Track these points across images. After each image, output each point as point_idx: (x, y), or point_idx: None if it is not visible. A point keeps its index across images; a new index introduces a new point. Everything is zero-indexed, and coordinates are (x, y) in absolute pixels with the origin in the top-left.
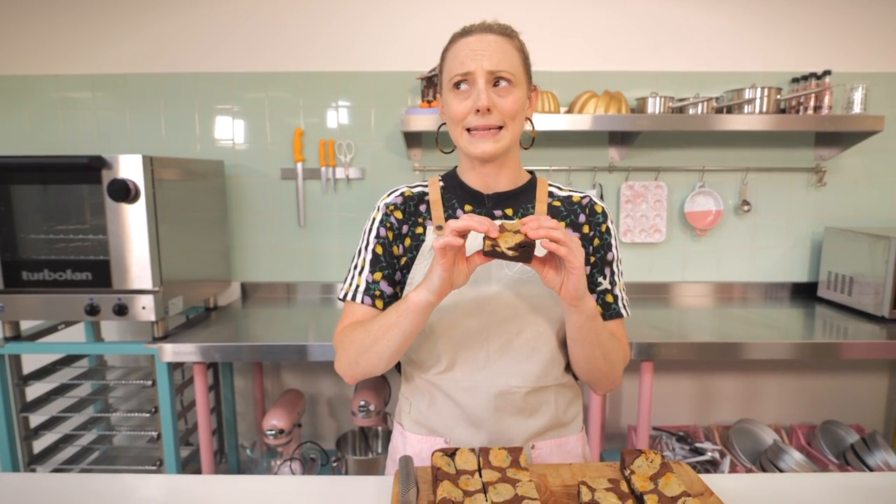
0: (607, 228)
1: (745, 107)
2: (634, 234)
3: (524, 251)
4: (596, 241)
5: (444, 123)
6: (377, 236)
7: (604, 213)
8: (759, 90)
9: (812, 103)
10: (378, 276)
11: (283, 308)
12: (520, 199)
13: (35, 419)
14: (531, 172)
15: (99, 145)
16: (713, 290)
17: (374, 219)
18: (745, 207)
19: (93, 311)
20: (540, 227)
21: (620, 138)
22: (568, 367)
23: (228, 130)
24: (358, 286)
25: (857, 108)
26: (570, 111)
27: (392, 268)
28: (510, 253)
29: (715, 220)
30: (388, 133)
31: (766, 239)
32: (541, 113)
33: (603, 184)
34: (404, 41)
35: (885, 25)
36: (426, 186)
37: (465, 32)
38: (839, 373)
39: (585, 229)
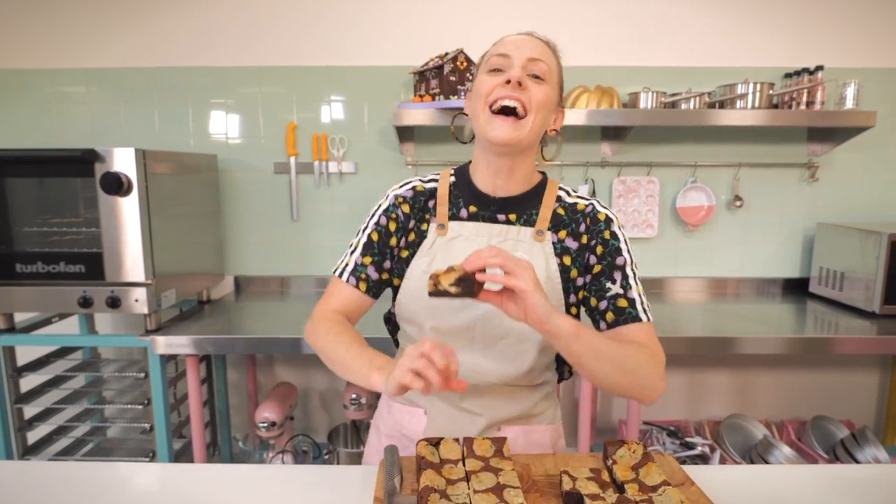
0: (612, 234)
1: (738, 102)
2: (626, 229)
3: (465, 285)
4: (599, 249)
5: (462, 114)
6: (377, 223)
7: (607, 220)
8: (751, 85)
9: (804, 99)
10: (368, 260)
11: (276, 301)
12: (526, 205)
13: (29, 410)
14: (542, 173)
15: (93, 139)
16: (705, 286)
17: (380, 205)
18: (738, 203)
19: (86, 303)
20: (478, 258)
21: (613, 133)
22: (547, 369)
23: (222, 125)
24: (347, 265)
25: (849, 104)
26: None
27: (383, 256)
28: (453, 290)
29: (707, 216)
30: (381, 127)
31: (759, 234)
32: None
33: (595, 179)
34: (397, 36)
35: (878, 21)
36: (438, 181)
37: (510, 35)
38: (830, 368)
39: (584, 239)
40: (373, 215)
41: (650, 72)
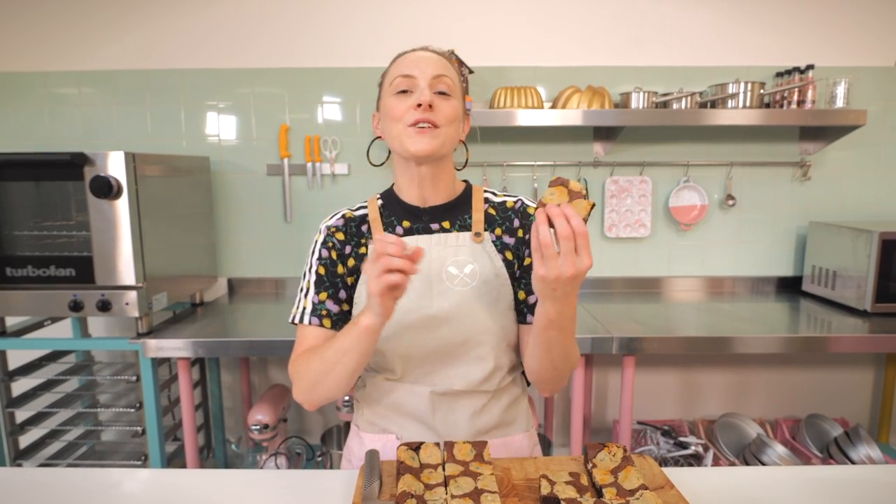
0: None
1: (729, 101)
2: (619, 228)
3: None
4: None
5: (377, 138)
6: (319, 258)
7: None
8: (742, 85)
9: (796, 98)
10: (323, 296)
11: (270, 303)
12: (457, 211)
13: (21, 414)
14: (465, 181)
15: (86, 141)
16: (698, 285)
17: (315, 241)
18: (730, 202)
19: (76, 307)
20: (565, 225)
21: (605, 133)
22: (512, 371)
23: (214, 126)
24: (305, 308)
25: (840, 103)
26: (553, 106)
27: (336, 287)
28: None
29: (700, 215)
30: (373, 129)
31: (751, 233)
32: (525, 108)
33: (588, 178)
34: (389, 37)
35: (868, 19)
36: (367, 208)
37: (407, 52)
38: (824, 366)
39: (520, 233)
40: (312, 253)
41: (641, 71)
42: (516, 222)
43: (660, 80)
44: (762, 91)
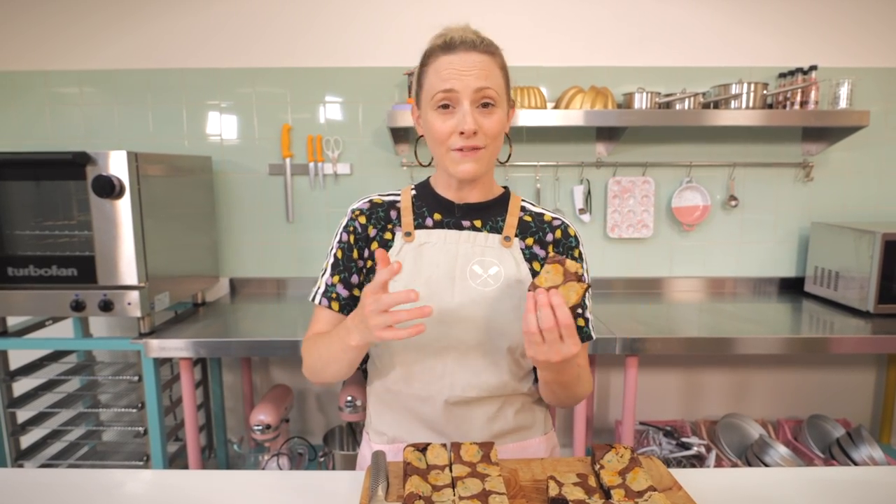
0: (580, 253)
1: (732, 102)
2: (622, 229)
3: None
4: None
5: (422, 135)
6: (339, 241)
7: (576, 238)
8: (745, 85)
9: (798, 98)
10: (336, 279)
11: (271, 304)
12: (490, 212)
13: (23, 415)
14: (505, 188)
15: (87, 141)
16: (700, 286)
17: (341, 223)
18: (733, 202)
19: (78, 306)
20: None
21: (608, 134)
22: (527, 377)
23: (216, 126)
24: (319, 288)
25: (842, 104)
26: (556, 107)
27: (349, 271)
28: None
29: (702, 216)
30: (376, 128)
31: (754, 234)
32: (528, 109)
33: (590, 179)
34: (391, 37)
35: (871, 20)
36: (399, 195)
37: (448, 48)
38: (826, 367)
39: (551, 249)
40: (336, 235)
41: (644, 72)
42: (550, 237)
43: (662, 81)
44: (765, 92)
